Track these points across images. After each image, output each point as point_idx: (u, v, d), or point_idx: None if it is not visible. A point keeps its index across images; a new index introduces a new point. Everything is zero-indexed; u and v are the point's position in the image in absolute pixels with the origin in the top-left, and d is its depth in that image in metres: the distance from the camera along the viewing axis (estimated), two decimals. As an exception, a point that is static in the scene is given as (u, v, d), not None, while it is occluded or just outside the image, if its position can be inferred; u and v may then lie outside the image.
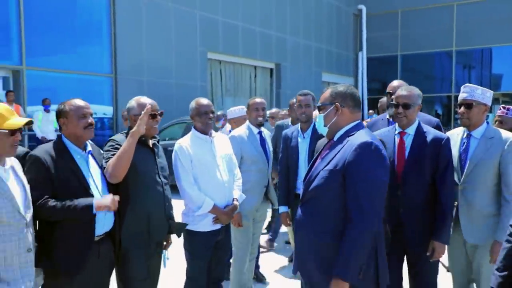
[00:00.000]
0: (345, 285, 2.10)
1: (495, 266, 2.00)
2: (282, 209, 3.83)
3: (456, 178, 3.07)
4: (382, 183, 2.21)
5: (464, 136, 3.16)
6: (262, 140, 4.03)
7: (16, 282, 2.15)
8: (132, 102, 2.98)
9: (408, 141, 3.05)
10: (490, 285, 1.99)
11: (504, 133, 3.04)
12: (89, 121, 2.62)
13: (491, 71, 21.63)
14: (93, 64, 11.60)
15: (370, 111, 19.52)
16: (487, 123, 3.14)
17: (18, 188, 2.24)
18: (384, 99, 4.91)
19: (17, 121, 2.22)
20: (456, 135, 3.23)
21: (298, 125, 3.92)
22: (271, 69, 17.72)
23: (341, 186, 2.19)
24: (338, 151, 2.25)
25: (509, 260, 1.94)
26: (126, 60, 11.86)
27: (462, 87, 3.18)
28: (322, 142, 2.66)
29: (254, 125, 4.02)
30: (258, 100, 4.04)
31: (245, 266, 3.85)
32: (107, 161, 2.67)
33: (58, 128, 2.64)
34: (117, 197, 2.52)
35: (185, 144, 3.20)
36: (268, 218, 6.17)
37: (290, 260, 5.17)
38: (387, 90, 3.73)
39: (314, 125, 3.67)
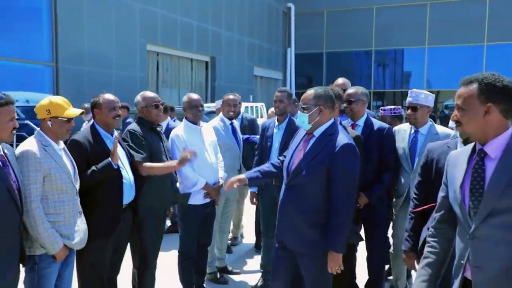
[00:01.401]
0: (339, 256, 2.75)
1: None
2: (252, 189, 4.56)
3: (407, 168, 3.64)
4: (357, 176, 2.85)
5: (412, 132, 3.69)
6: (234, 130, 4.75)
7: (72, 237, 2.75)
8: (138, 97, 3.58)
9: (358, 131, 3.71)
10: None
11: (445, 130, 3.61)
12: (118, 112, 3.20)
13: (403, 70, 23.88)
14: (33, 52, 11.51)
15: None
16: (431, 121, 3.70)
17: (69, 164, 2.81)
18: None
19: (73, 111, 2.79)
20: (403, 130, 3.78)
21: (276, 117, 4.41)
22: (207, 62, 18.30)
23: (325, 177, 2.73)
24: (322, 148, 2.77)
25: (414, 228, 2.77)
26: (67, 50, 11.88)
27: (409, 92, 3.72)
28: (300, 132, 3.11)
29: (226, 118, 4.72)
30: (231, 97, 4.73)
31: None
32: (142, 157, 3.35)
33: None
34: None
35: (180, 132, 3.85)
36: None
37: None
38: (333, 87, 4.28)
39: (289, 118, 4.24)
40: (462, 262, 1.90)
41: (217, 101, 5.64)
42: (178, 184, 3.78)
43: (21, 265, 2.58)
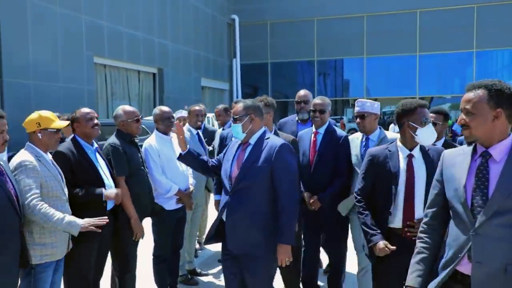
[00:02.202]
0: (288, 247, 2.91)
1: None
2: (216, 197, 4.68)
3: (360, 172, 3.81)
4: (297, 172, 3.07)
5: (363, 140, 3.86)
6: (200, 139, 5.05)
7: (61, 244, 2.96)
8: (119, 111, 3.81)
9: (319, 139, 3.96)
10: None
11: (393, 135, 3.80)
12: (95, 122, 3.43)
13: (343, 79, 25.05)
14: (-25, 67, 11.18)
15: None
16: (380, 127, 3.90)
17: (58, 173, 3.02)
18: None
19: (60, 123, 3.01)
20: (356, 138, 3.95)
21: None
22: (154, 74, 18.35)
23: (268, 178, 2.91)
24: (262, 151, 2.96)
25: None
26: (12, 63, 11.63)
27: (356, 102, 3.88)
28: (233, 144, 3.24)
29: (193, 128, 5.02)
30: (197, 108, 5.05)
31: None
32: (121, 173, 3.59)
33: None
34: (119, 191, 3.36)
35: (153, 142, 4.11)
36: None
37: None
38: (296, 99, 4.73)
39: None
40: (459, 255, 1.99)
41: (177, 112, 5.90)
42: (153, 192, 4.04)
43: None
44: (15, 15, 11.70)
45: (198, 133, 5.05)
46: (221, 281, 4.88)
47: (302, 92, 4.83)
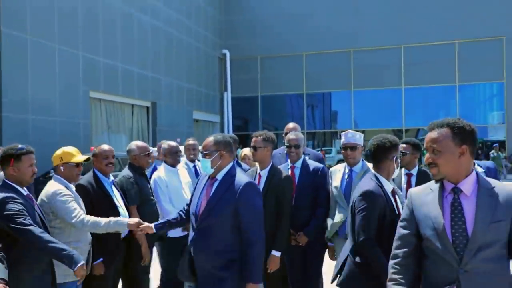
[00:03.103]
0: (257, 286, 2.89)
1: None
2: None
3: (342, 204, 3.84)
4: (262, 210, 3.06)
5: (346, 171, 3.93)
6: (196, 172, 5.34)
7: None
8: (132, 146, 4.18)
9: (297, 173, 4.08)
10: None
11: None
12: (110, 160, 3.77)
13: (331, 111, 25.73)
14: (-25, 102, 11.49)
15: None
16: (363, 159, 4.01)
17: (81, 203, 3.35)
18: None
19: (81, 157, 3.36)
20: (338, 170, 4.02)
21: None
22: (148, 107, 18.77)
23: (233, 216, 2.90)
24: (227, 189, 2.95)
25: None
26: (11, 98, 11.96)
27: (343, 134, 3.97)
28: (201, 179, 3.22)
29: (189, 161, 5.34)
30: (191, 142, 5.33)
31: None
32: (134, 203, 3.92)
33: None
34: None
35: (162, 174, 4.45)
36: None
37: None
38: (284, 131, 4.83)
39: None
40: None
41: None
42: (160, 219, 4.35)
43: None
44: (16, 51, 12.12)
45: (194, 166, 5.38)
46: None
47: (290, 125, 5.02)
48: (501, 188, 2.05)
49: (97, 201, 3.57)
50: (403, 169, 4.29)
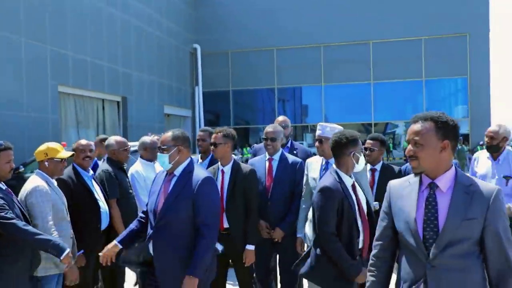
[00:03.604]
0: (196, 280, 2.81)
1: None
2: None
3: None
4: (219, 205, 3.17)
5: (323, 163, 3.89)
6: None
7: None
8: (111, 141, 4.21)
9: (274, 166, 4.07)
10: None
11: None
12: (87, 154, 3.80)
13: (302, 105, 26.03)
14: None
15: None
16: None
17: (63, 196, 3.38)
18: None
19: (66, 153, 3.37)
20: (315, 162, 3.98)
21: (199, 155, 4.85)
22: (118, 102, 18.54)
23: (191, 211, 2.90)
24: (185, 185, 2.94)
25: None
26: (-24, 93, 11.65)
27: (317, 125, 3.91)
28: (159, 176, 3.22)
29: None
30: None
31: None
32: (114, 197, 3.90)
33: None
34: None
35: (139, 169, 4.49)
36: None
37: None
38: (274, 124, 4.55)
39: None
40: (414, 287, 2.01)
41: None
42: (139, 212, 4.39)
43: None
44: (-19, 45, 11.78)
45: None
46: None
47: (280, 118, 5.00)
48: (479, 186, 2.01)
49: (77, 194, 3.60)
50: (368, 164, 4.29)
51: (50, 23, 14.26)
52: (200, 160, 4.73)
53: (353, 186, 3.11)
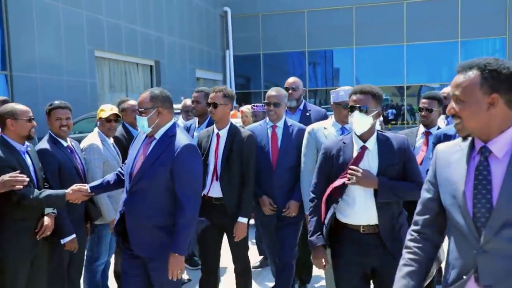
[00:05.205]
0: (181, 258, 2.65)
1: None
2: None
3: None
4: (200, 174, 2.84)
5: (338, 130, 3.44)
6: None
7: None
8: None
9: (279, 133, 3.63)
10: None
11: None
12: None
13: (333, 68, 25.84)
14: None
15: (236, 105, 21.87)
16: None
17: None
18: None
19: (105, 113, 3.76)
20: (324, 128, 3.50)
21: (197, 118, 4.35)
22: (151, 66, 18.92)
23: (169, 179, 2.64)
24: (163, 151, 2.66)
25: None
26: (20, 58, 12.17)
27: (331, 92, 3.59)
28: (139, 136, 2.92)
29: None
30: (188, 102, 5.20)
31: None
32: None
33: None
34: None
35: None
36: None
37: None
38: (285, 86, 4.34)
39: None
40: (464, 277, 1.60)
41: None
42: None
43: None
44: (22, 13, 12.22)
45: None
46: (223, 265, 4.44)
47: (290, 79, 4.54)
48: None
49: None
50: (421, 126, 3.84)
51: (85, -12, 14.57)
52: (197, 125, 4.32)
53: (364, 148, 2.65)
